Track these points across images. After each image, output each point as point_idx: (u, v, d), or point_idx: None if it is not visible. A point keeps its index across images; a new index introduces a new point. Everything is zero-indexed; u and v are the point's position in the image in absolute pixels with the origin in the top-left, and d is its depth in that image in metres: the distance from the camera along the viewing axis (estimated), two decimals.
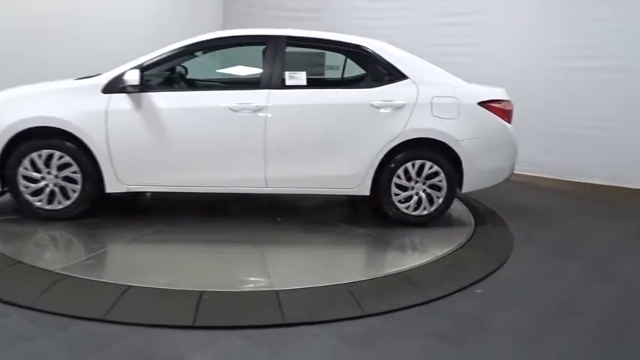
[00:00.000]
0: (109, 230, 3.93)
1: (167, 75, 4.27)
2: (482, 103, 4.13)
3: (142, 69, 3.84)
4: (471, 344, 2.63)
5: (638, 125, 5.58)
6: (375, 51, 4.18)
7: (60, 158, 3.85)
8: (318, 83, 4.22)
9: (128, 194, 4.06)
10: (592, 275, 3.59)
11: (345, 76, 4.88)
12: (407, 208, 4.18)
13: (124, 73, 3.78)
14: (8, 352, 2.35)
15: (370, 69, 4.39)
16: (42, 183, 3.88)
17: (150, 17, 7.23)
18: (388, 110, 4.02)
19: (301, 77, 4.03)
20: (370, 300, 2.97)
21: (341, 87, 4.17)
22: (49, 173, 3.87)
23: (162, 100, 3.88)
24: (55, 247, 3.72)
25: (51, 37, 5.97)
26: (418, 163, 4.10)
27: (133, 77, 3.72)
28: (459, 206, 4.84)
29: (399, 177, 4.11)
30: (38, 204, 3.90)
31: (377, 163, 4.05)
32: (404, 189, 4.15)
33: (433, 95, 4.06)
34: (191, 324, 2.64)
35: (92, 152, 3.84)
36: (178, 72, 4.48)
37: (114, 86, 3.83)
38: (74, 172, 3.88)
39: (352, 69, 4.79)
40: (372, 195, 4.16)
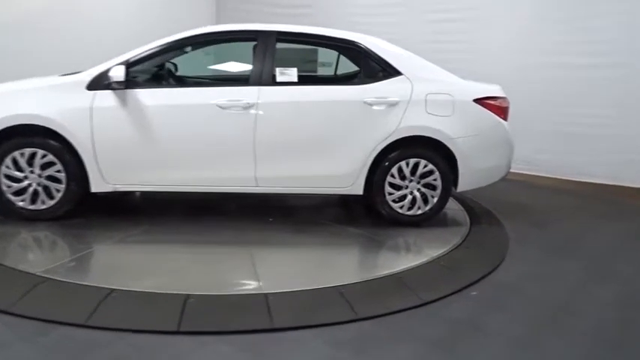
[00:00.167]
0: (95, 231, 3.82)
1: (154, 71, 4.15)
2: (477, 100, 4.04)
3: (128, 65, 3.73)
4: (466, 349, 2.53)
5: (638, 123, 5.49)
6: (368, 47, 4.07)
7: (43, 157, 3.73)
8: (309, 80, 4.12)
9: (114, 194, 3.95)
10: (591, 276, 3.51)
11: (338, 73, 4.78)
12: (401, 208, 4.08)
13: (109, 70, 3.67)
14: None
15: (363, 65, 4.29)
16: (25, 182, 3.76)
17: (141, 13, 7.11)
18: (382, 107, 3.92)
19: (292, 74, 3.93)
20: (363, 303, 2.87)
21: (333, 84, 4.07)
22: (32, 172, 3.75)
23: (148, 97, 3.77)
24: (38, 249, 3.60)
25: (36, 33, 5.83)
26: (412, 162, 4.00)
27: (119, 73, 3.61)
28: (455, 205, 4.74)
29: (393, 176, 4.02)
30: (21, 204, 3.79)
31: (370, 162, 3.95)
32: (398, 188, 4.05)
33: (428, 92, 3.97)
34: (176, 329, 2.53)
35: (77, 151, 3.73)
36: (167, 68, 4.37)
37: (99, 83, 3.72)
38: (58, 171, 3.77)
39: (345, 66, 4.69)
40: (366, 194, 4.06)
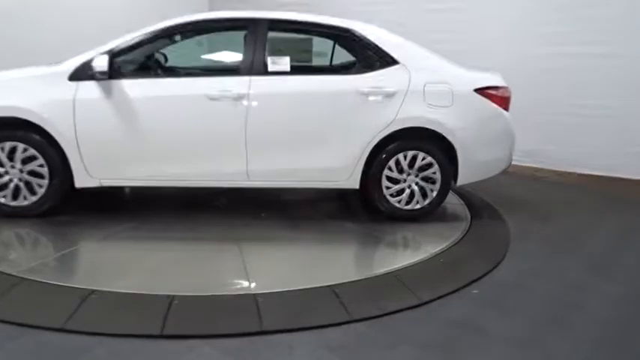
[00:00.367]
0: (80, 228, 3.67)
1: (141, 61, 3.98)
2: (478, 90, 3.87)
3: (113, 54, 3.56)
4: (466, 352, 2.39)
5: None
6: (364, 34, 3.90)
7: (24, 151, 3.58)
8: (303, 70, 3.95)
9: (102, 189, 3.79)
10: (594, 272, 3.36)
11: (334, 63, 4.61)
12: (399, 202, 3.93)
13: (93, 59, 3.50)
14: None
15: (359, 54, 4.12)
16: (5, 178, 3.61)
17: (131, 2, 6.93)
18: (378, 98, 3.75)
19: (285, 63, 3.75)
20: (357, 303, 2.73)
21: (328, 73, 3.91)
22: (13, 167, 3.60)
23: (134, 88, 3.60)
24: (20, 247, 3.45)
25: (16, 22, 5.66)
26: (410, 154, 3.84)
27: (102, 63, 3.44)
28: (454, 199, 4.59)
29: (391, 169, 3.86)
30: (2, 200, 3.64)
31: (367, 155, 3.79)
32: (395, 182, 3.90)
33: (426, 82, 3.80)
34: (159, 333, 2.39)
35: (59, 144, 3.57)
36: (154, 58, 4.19)
37: (82, 73, 3.55)
38: (40, 166, 3.61)
39: (341, 55, 4.52)
40: (362, 188, 3.91)
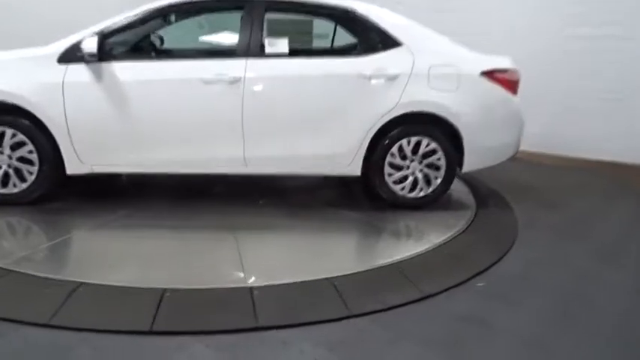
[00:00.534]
0: (72, 216, 3.57)
1: (133, 43, 3.82)
2: (485, 73, 3.70)
3: (103, 36, 3.41)
4: (472, 349, 2.26)
5: None
6: (365, 15, 3.73)
7: (13, 136, 3.45)
8: (302, 52, 3.78)
9: (96, 176, 3.67)
10: (605, 262, 3.22)
11: (334, 45, 4.44)
12: (402, 190, 3.80)
13: (82, 41, 3.35)
14: None
15: (361, 35, 3.94)
16: None
17: None
18: (380, 81, 3.60)
19: (283, 44, 3.60)
20: (357, 297, 2.60)
21: (328, 55, 3.73)
22: (2, 153, 3.49)
23: (125, 71, 3.46)
24: (8, 237, 3.31)
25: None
26: (414, 140, 3.70)
27: (91, 45, 3.30)
28: (459, 187, 4.45)
29: (393, 155, 3.72)
30: None
31: (368, 140, 3.65)
32: (398, 168, 3.76)
33: (431, 64, 3.64)
34: (148, 329, 2.27)
35: (49, 129, 3.44)
36: (148, 40, 4.04)
37: (71, 55, 3.41)
38: (30, 152, 3.49)
39: (343, 38, 4.35)
40: (364, 175, 3.77)
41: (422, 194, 3.81)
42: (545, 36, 5.64)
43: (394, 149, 3.70)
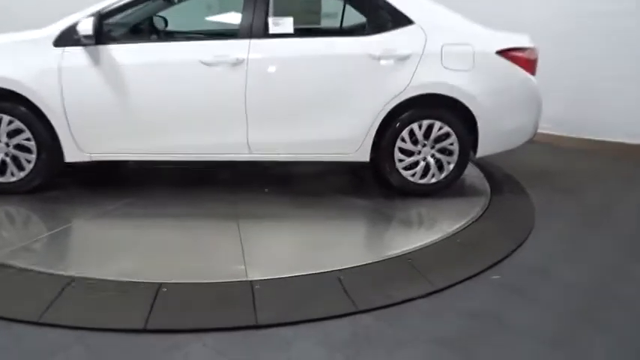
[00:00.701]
0: (72, 205, 3.47)
1: (132, 25, 3.68)
2: (501, 52, 3.50)
3: (100, 17, 3.26)
4: (485, 349, 2.12)
5: None
6: None
7: (9, 123, 3.34)
8: (308, 32, 3.60)
9: (98, 164, 3.57)
10: (627, 252, 3.06)
11: (343, 25, 4.25)
12: (413, 176, 3.63)
13: (78, 23, 3.21)
14: None
15: (370, 14, 3.75)
16: None
17: None
18: (390, 61, 3.41)
19: (288, 24, 3.42)
20: (364, 291, 2.47)
21: (335, 35, 3.54)
22: None
23: (124, 54, 3.32)
24: (4, 227, 3.22)
25: None
26: (426, 124, 3.52)
27: (87, 27, 3.15)
28: (473, 172, 4.27)
29: (404, 140, 3.55)
30: None
31: (378, 124, 3.48)
32: (409, 154, 3.59)
33: (444, 43, 3.44)
34: (142, 327, 2.17)
35: (46, 116, 3.32)
36: (148, 22, 3.88)
37: (67, 38, 3.28)
38: (27, 140, 3.38)
39: (352, 17, 4.16)
40: (373, 161, 3.61)
41: (434, 180, 3.65)
42: (558, 11, 5.37)
43: (405, 133, 3.53)
